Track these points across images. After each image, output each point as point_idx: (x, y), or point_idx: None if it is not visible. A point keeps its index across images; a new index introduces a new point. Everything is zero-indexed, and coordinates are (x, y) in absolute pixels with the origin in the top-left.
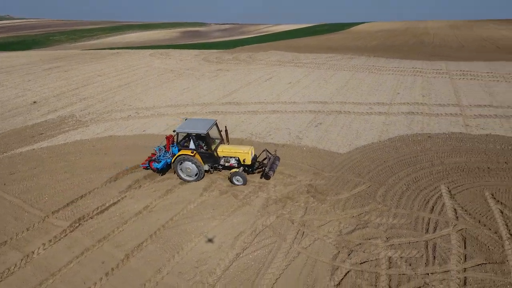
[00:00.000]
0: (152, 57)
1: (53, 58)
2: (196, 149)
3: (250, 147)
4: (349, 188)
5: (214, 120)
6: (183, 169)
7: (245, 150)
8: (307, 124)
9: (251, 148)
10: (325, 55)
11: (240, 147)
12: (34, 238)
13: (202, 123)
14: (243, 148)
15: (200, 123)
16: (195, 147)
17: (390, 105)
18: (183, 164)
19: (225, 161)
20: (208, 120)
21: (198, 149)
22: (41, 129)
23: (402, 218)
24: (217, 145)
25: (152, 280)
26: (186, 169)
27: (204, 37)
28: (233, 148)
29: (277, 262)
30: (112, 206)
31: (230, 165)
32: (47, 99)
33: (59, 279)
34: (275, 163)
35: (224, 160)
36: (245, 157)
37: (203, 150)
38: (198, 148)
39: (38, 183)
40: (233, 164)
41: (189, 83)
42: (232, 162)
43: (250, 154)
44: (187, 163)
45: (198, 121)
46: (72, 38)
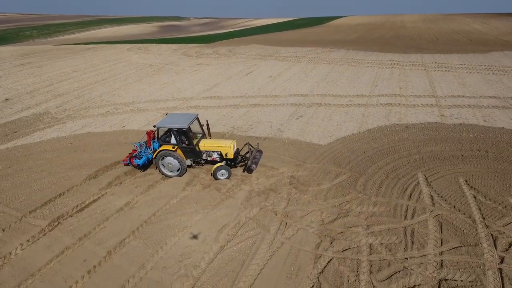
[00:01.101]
0: (130, 51)
1: (25, 54)
2: (178, 144)
3: (232, 141)
4: (330, 179)
5: (195, 114)
6: (165, 165)
7: (227, 144)
8: (289, 117)
9: (233, 142)
10: (305, 48)
11: (222, 141)
12: (11, 239)
13: (183, 118)
14: (225, 142)
15: (181, 117)
16: (176, 142)
17: (369, 97)
18: (164, 160)
19: (207, 156)
20: (189, 115)
21: (179, 144)
22: (14, 127)
23: (381, 206)
24: (199, 140)
25: (136, 276)
26: (168, 165)
27: (183, 32)
28: (215, 142)
29: (261, 253)
30: (92, 203)
31: (212, 159)
32: (19, 96)
33: (39, 279)
34: (257, 157)
35: (207, 154)
36: (227, 151)
37: (185, 145)
38: (180, 143)
39: (13, 182)
40: (216, 158)
41: (168, 78)
42: (215, 156)
43: (232, 148)
44: (168, 159)
45: (179, 116)
46: (45, 33)
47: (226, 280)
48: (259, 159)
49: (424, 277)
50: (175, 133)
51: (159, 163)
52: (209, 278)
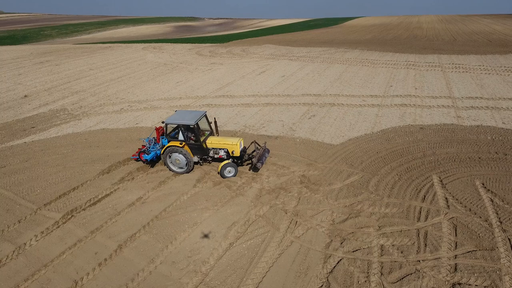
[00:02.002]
0: (145, 51)
1: (44, 52)
2: (185, 140)
3: (239, 139)
4: (342, 179)
5: (203, 111)
6: (172, 161)
7: (233, 141)
8: (301, 116)
9: (240, 140)
10: (319, 48)
11: (229, 138)
12: (26, 230)
13: (191, 115)
14: (232, 139)
15: (189, 114)
16: (184, 138)
17: (383, 98)
18: (172, 156)
19: (214, 153)
20: (197, 112)
21: (187, 141)
22: (32, 122)
23: (394, 207)
24: (206, 137)
25: (146, 269)
26: (175, 161)
27: (198, 32)
28: (222, 139)
29: (270, 251)
30: (105, 197)
31: (219, 157)
32: (38, 93)
33: (51, 270)
34: (264, 155)
35: (213, 151)
36: (233, 148)
37: (192, 141)
38: (187, 139)
39: (30, 176)
40: (222, 156)
41: (182, 77)
42: (221, 154)
43: (239, 145)
44: (176, 155)
45: (187, 113)
46: (64, 32)
47: (234, 276)
48: (266, 158)
49: (437, 281)
50: (183, 130)
51: (167, 159)
52: (218, 274)
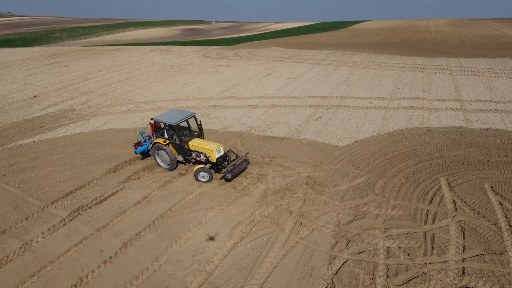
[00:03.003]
0: (153, 53)
1: (54, 54)
2: (169, 139)
3: (218, 145)
4: (348, 180)
5: (192, 112)
6: (159, 156)
7: (211, 147)
8: (307, 118)
9: (217, 147)
10: (326, 51)
11: (209, 143)
12: (33, 227)
13: (178, 114)
14: (210, 145)
15: (177, 114)
16: (168, 136)
17: (390, 100)
18: (159, 152)
19: (196, 156)
20: (186, 112)
21: (170, 139)
22: (41, 122)
23: (400, 210)
24: (190, 138)
25: (150, 268)
26: (162, 157)
27: (205, 35)
28: (203, 144)
29: (275, 251)
30: (111, 196)
31: (200, 160)
32: (47, 93)
33: (57, 266)
34: (239, 167)
35: (195, 154)
36: (210, 154)
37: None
38: (170, 138)
39: (38, 174)
40: (203, 159)
41: (189, 78)
42: (202, 157)
43: (215, 152)
44: (161, 152)
45: (177, 112)
46: (73, 35)
47: (238, 276)
48: (243, 169)
49: (444, 284)
50: (167, 128)
51: (155, 154)
52: (222, 274)
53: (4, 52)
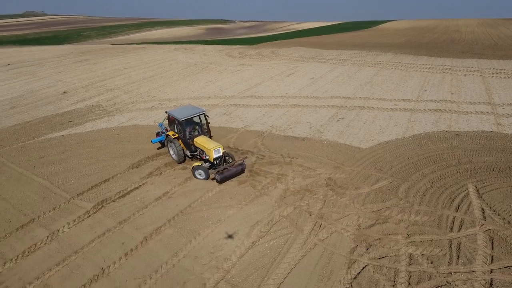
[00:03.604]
0: (177, 51)
1: (83, 52)
2: (178, 133)
3: (217, 146)
4: (370, 183)
5: (202, 110)
6: (171, 148)
7: (209, 146)
8: (329, 119)
9: (217, 147)
10: (350, 51)
11: (210, 143)
12: (59, 218)
13: (188, 111)
14: (210, 144)
15: (188, 110)
16: (177, 130)
17: (416, 102)
18: (170, 144)
19: (200, 153)
20: (196, 109)
21: (179, 133)
22: (69, 117)
23: (425, 215)
24: (197, 135)
25: (169, 262)
26: (173, 149)
27: (228, 34)
28: (205, 142)
29: (293, 252)
30: (133, 190)
31: (202, 158)
32: (76, 90)
33: (81, 257)
34: (231, 169)
35: (199, 151)
36: (208, 153)
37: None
38: (179, 132)
39: (65, 167)
40: (205, 157)
41: (212, 77)
42: (204, 155)
43: (213, 152)
44: (171, 144)
45: (189, 108)
46: (101, 34)
47: (255, 275)
48: (234, 173)
49: None
50: (176, 123)
51: (168, 145)
52: (239, 272)
53: (37, 50)
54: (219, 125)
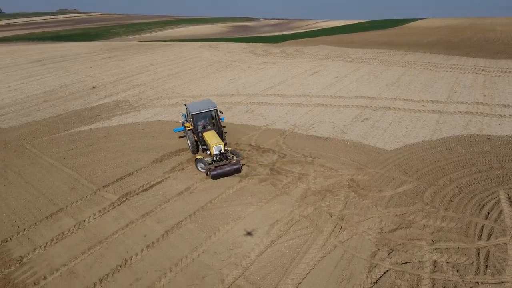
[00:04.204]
0: (202, 49)
1: (112, 49)
2: (192, 125)
3: (218, 143)
4: (394, 186)
5: (214, 106)
6: (187, 138)
7: (212, 142)
8: (353, 119)
9: (218, 144)
10: (377, 50)
11: (213, 139)
12: (86, 208)
13: (202, 105)
14: (213, 140)
15: (202, 104)
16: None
17: (445, 104)
18: (187, 135)
19: (207, 147)
20: (210, 104)
21: (194, 126)
22: (98, 111)
23: (451, 222)
24: (208, 129)
25: (189, 256)
26: (187, 139)
27: (253, 32)
28: (211, 137)
29: (312, 253)
30: (156, 185)
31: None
32: (104, 85)
33: (105, 247)
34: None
35: (206, 145)
36: (209, 149)
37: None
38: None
39: (93, 159)
40: (208, 152)
41: (235, 74)
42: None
43: (213, 148)
44: (187, 135)
45: (204, 103)
46: (130, 31)
47: (274, 274)
48: (228, 171)
49: None
50: (191, 115)
51: (186, 135)
52: (258, 270)
53: (69, 46)
54: (241, 122)
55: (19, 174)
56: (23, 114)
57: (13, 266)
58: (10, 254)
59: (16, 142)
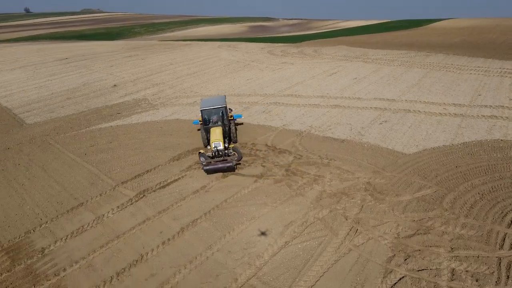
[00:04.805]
0: (220, 48)
1: (133, 48)
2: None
3: (217, 140)
4: (412, 191)
5: (223, 104)
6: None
7: (212, 138)
8: (371, 121)
9: (216, 141)
10: (397, 51)
11: (215, 136)
12: (105, 203)
13: (211, 102)
14: (214, 137)
15: (212, 101)
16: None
17: (468, 107)
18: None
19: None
20: (220, 102)
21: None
22: (118, 109)
23: (472, 229)
24: (219, 124)
25: (203, 254)
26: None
27: (272, 32)
28: (213, 133)
29: (326, 256)
30: (173, 182)
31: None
32: (125, 83)
33: (122, 242)
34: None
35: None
36: (210, 144)
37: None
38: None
39: (112, 155)
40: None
41: (253, 74)
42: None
43: (212, 144)
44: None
45: (214, 100)
46: (150, 30)
47: (287, 275)
48: (220, 168)
49: None
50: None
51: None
52: (271, 270)
53: (92, 45)
54: (258, 122)
55: (42, 169)
56: (47, 110)
57: (36, 257)
58: (33, 245)
59: (40, 137)
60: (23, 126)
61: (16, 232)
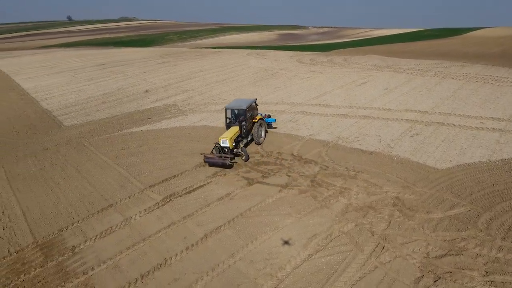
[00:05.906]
0: (249, 56)
1: (166, 54)
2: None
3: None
4: (444, 208)
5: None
6: None
7: (222, 136)
8: (401, 133)
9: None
10: (431, 61)
11: (226, 133)
12: (133, 206)
13: (236, 103)
14: (223, 134)
15: (237, 102)
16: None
17: (508, 122)
18: None
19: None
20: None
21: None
22: (149, 114)
23: (509, 253)
24: (232, 124)
25: (225, 262)
26: None
27: (301, 40)
28: (227, 131)
29: (351, 272)
30: (199, 188)
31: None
32: (156, 89)
33: (148, 245)
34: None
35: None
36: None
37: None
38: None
39: (141, 159)
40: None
41: (281, 83)
42: None
43: (220, 141)
44: None
45: (239, 101)
46: (183, 38)
47: None
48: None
49: None
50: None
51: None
52: (293, 283)
53: (127, 51)
54: (284, 131)
55: (76, 169)
56: (84, 113)
57: (66, 255)
58: (64, 243)
59: (76, 139)
60: (61, 128)
61: (50, 230)
